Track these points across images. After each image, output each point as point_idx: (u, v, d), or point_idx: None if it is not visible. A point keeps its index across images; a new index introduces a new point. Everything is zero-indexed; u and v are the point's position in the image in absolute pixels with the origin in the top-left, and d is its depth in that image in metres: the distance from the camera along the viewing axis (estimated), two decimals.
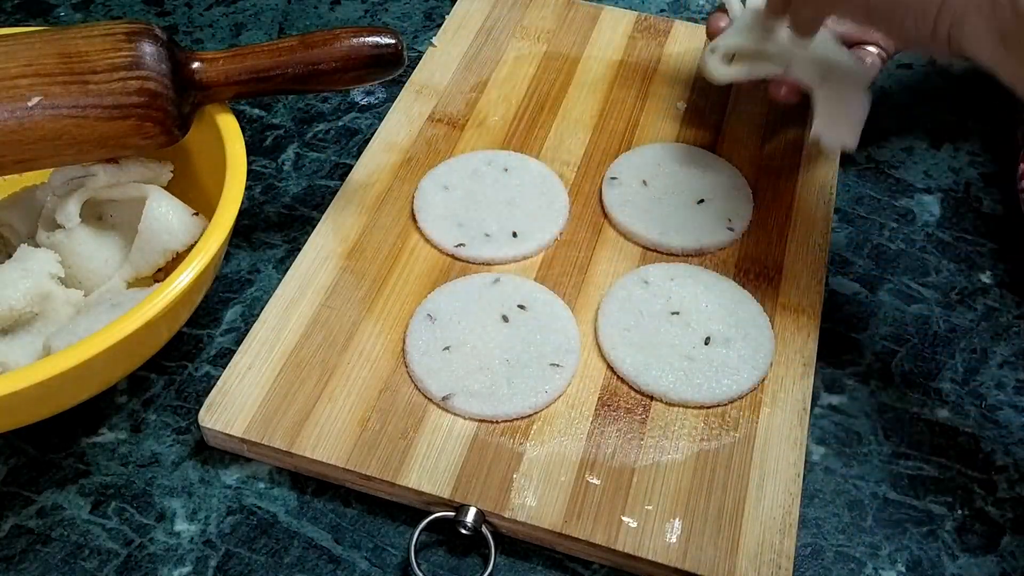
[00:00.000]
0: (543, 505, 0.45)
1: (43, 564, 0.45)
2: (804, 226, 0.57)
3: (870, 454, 0.50)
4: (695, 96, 0.65)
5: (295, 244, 0.57)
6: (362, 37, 0.51)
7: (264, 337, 0.50)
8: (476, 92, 0.64)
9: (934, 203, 0.62)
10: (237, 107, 0.65)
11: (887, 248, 0.59)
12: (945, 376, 0.53)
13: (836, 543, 0.46)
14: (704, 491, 0.46)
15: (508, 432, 0.47)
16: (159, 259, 0.50)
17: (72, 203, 0.50)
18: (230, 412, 0.47)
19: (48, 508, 0.46)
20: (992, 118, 0.67)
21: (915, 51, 0.63)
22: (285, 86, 0.51)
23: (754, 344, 0.50)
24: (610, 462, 0.46)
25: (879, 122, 0.67)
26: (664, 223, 0.56)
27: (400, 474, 0.45)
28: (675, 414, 0.48)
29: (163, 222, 0.50)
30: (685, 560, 0.43)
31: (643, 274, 0.54)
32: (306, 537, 0.46)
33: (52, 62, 0.46)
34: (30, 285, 0.47)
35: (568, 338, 0.50)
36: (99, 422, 0.49)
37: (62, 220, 0.50)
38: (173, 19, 0.72)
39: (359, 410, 0.48)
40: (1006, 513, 0.48)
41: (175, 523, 0.46)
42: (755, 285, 0.54)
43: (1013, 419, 0.51)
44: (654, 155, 0.60)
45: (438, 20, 0.73)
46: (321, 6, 0.74)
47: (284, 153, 0.63)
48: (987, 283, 0.57)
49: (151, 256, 0.50)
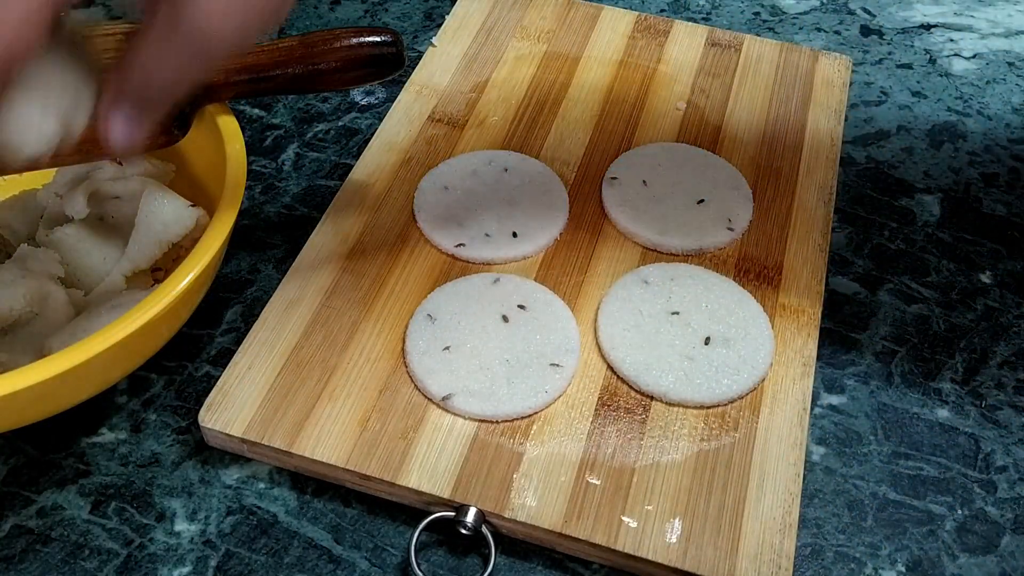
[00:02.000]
0: (543, 505, 0.45)
1: (43, 564, 0.45)
2: (804, 226, 0.57)
3: (870, 454, 0.50)
4: (695, 96, 0.65)
5: (295, 244, 0.57)
6: (362, 37, 0.51)
7: (264, 337, 0.50)
8: (476, 92, 0.64)
9: (934, 203, 0.62)
10: (237, 107, 0.65)
11: (887, 248, 0.59)
12: (945, 376, 0.53)
13: (836, 543, 0.47)
14: (704, 491, 0.46)
15: (508, 432, 0.47)
16: (155, 250, 0.50)
17: (79, 194, 0.50)
18: (230, 412, 0.47)
19: (48, 508, 0.46)
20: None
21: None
22: (285, 86, 0.51)
23: (754, 344, 0.50)
24: (610, 462, 0.47)
25: (879, 122, 0.67)
26: (664, 223, 0.56)
27: (400, 474, 0.45)
28: (675, 414, 0.48)
29: (158, 213, 0.50)
30: (685, 560, 0.43)
31: (643, 274, 0.54)
32: (306, 537, 0.46)
33: None
34: (30, 285, 0.47)
35: (568, 338, 0.51)
36: (99, 422, 0.49)
37: (71, 211, 0.50)
38: None
39: (359, 410, 0.48)
40: (1006, 513, 0.48)
41: (175, 523, 0.46)
42: (755, 285, 0.54)
43: (1013, 419, 0.51)
44: (654, 155, 0.60)
45: (438, 20, 0.73)
46: (321, 6, 0.74)
47: (284, 153, 0.63)
48: (987, 283, 0.57)
49: (147, 248, 0.50)
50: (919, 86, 0.70)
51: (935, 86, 0.70)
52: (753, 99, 0.65)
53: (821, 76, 0.66)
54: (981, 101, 0.69)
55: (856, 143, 0.65)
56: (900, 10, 0.76)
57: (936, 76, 0.71)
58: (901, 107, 0.68)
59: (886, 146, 0.65)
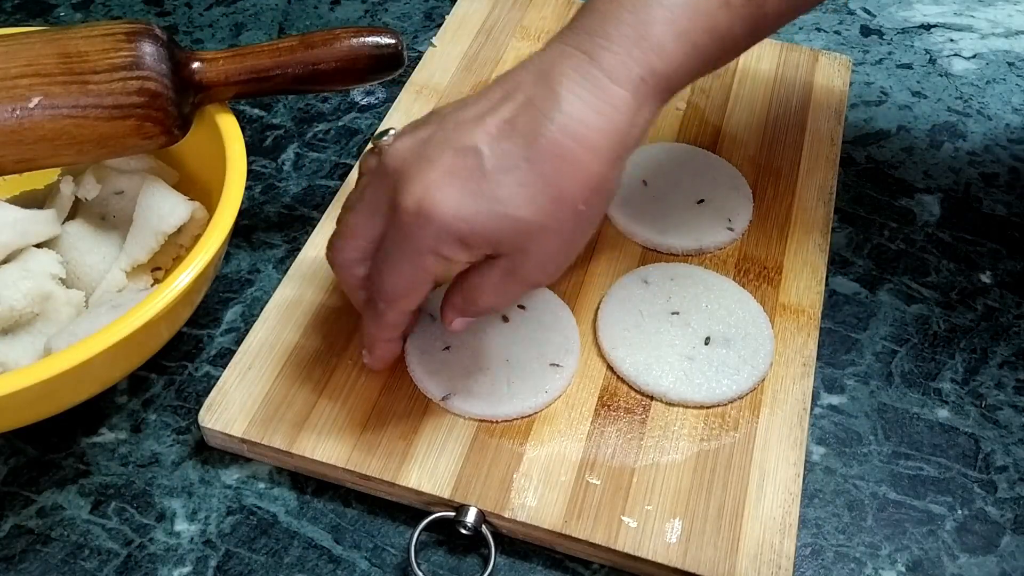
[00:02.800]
0: (543, 505, 0.45)
1: (43, 564, 0.45)
2: (804, 226, 0.57)
3: (870, 454, 0.50)
4: (695, 96, 0.65)
5: (295, 244, 0.57)
6: (362, 37, 0.51)
7: (264, 337, 0.50)
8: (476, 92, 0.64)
9: (934, 203, 0.62)
10: (237, 107, 0.65)
11: (887, 248, 0.59)
12: (945, 376, 0.53)
13: (836, 543, 0.46)
14: (704, 491, 0.46)
15: (508, 432, 0.47)
16: (152, 242, 0.50)
17: (88, 176, 0.51)
18: (230, 412, 0.47)
19: (48, 508, 0.46)
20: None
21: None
22: (285, 86, 0.51)
23: (754, 344, 0.50)
24: (610, 462, 0.46)
25: (879, 122, 0.67)
26: (664, 223, 0.56)
27: (400, 474, 0.45)
28: (675, 414, 0.48)
29: (154, 206, 0.50)
30: (685, 560, 0.43)
31: (643, 274, 0.54)
32: (306, 537, 0.46)
33: (52, 62, 0.46)
34: (31, 285, 0.47)
35: (568, 338, 0.50)
36: (99, 422, 0.49)
37: (83, 194, 0.51)
38: (173, 19, 0.72)
39: (359, 410, 0.48)
40: (1006, 513, 0.48)
41: (175, 523, 0.46)
42: (755, 285, 0.54)
43: (1013, 419, 0.51)
44: (654, 155, 0.60)
45: (438, 20, 0.73)
46: (321, 6, 0.74)
47: (284, 153, 0.63)
48: (987, 283, 0.57)
49: (145, 240, 0.50)
50: (919, 86, 0.70)
51: (935, 86, 0.70)
52: (753, 99, 0.65)
53: (821, 76, 0.66)
54: (981, 101, 0.69)
55: (856, 143, 0.65)
56: (900, 10, 0.76)
57: (936, 76, 0.71)
58: (901, 107, 0.68)
59: (886, 146, 0.65)
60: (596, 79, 0.40)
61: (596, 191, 0.41)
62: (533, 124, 0.40)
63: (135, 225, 0.50)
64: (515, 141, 0.40)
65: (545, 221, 0.40)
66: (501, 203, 0.39)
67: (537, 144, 0.39)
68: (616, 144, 0.41)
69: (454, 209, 0.39)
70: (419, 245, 0.40)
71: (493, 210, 0.39)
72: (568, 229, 0.41)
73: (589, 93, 0.40)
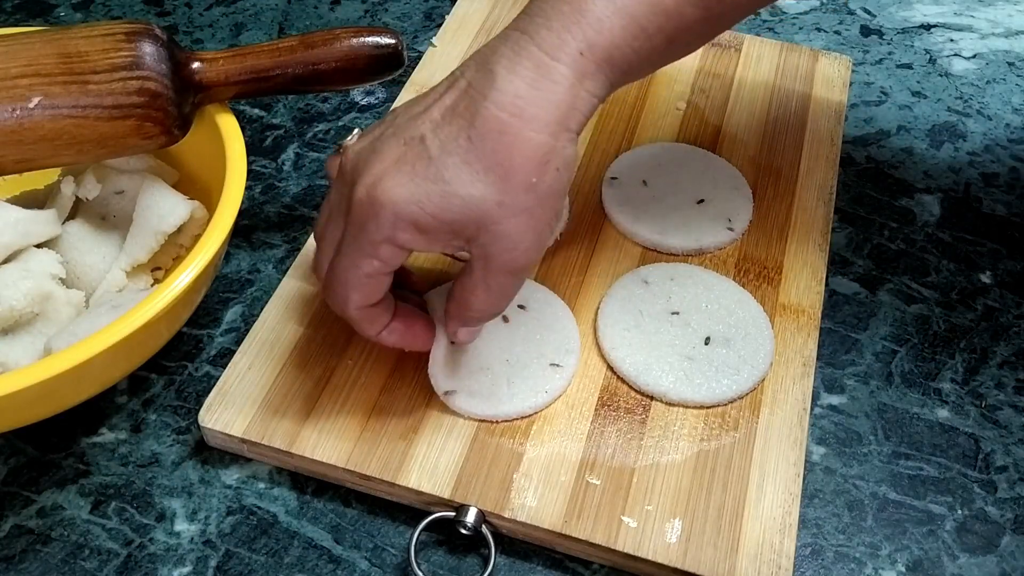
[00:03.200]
0: (543, 505, 0.45)
1: (43, 564, 0.45)
2: (804, 226, 0.57)
3: (870, 454, 0.50)
4: (695, 96, 0.65)
5: (295, 244, 0.57)
6: (362, 37, 0.51)
7: (264, 337, 0.50)
8: None
9: (934, 203, 0.62)
10: (237, 107, 0.65)
11: (887, 248, 0.59)
12: (945, 376, 0.53)
13: (836, 543, 0.47)
14: (704, 491, 0.46)
15: (508, 432, 0.47)
16: (152, 242, 0.50)
17: (89, 176, 0.51)
18: (230, 412, 0.47)
19: (48, 508, 0.46)
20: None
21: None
22: (285, 86, 0.51)
23: (754, 344, 0.50)
24: (610, 462, 0.46)
25: (879, 122, 0.67)
26: (664, 223, 0.56)
27: (400, 474, 0.45)
28: (675, 414, 0.48)
29: (154, 205, 0.50)
30: (685, 560, 0.43)
31: (643, 274, 0.54)
32: (306, 537, 0.46)
33: (52, 62, 0.46)
34: (31, 285, 0.47)
35: (568, 338, 0.50)
36: (99, 422, 0.49)
37: (83, 193, 0.51)
38: (173, 19, 0.72)
39: (359, 410, 0.48)
40: (1006, 513, 0.48)
41: (175, 523, 0.46)
42: (755, 285, 0.54)
43: (1013, 419, 0.51)
44: (654, 155, 0.60)
45: (438, 20, 0.73)
46: (321, 6, 0.74)
47: (284, 153, 0.63)
48: (987, 283, 0.57)
49: (145, 240, 0.50)
50: (919, 86, 0.70)
51: (935, 86, 0.70)
52: (753, 99, 0.65)
53: (821, 76, 0.66)
54: (981, 101, 0.69)
55: (856, 143, 0.65)
56: (900, 10, 0.76)
57: (936, 76, 0.71)
58: (901, 107, 0.68)
59: (886, 146, 0.65)
60: (532, 54, 0.40)
61: (543, 162, 0.40)
62: (472, 105, 0.40)
63: (135, 225, 0.50)
64: (456, 124, 0.40)
65: (499, 197, 0.40)
66: (449, 183, 0.40)
67: (476, 123, 0.40)
68: (558, 115, 0.40)
69: (404, 195, 0.40)
70: (373, 236, 0.41)
71: (442, 190, 0.40)
72: (527, 204, 0.40)
73: (525, 69, 0.40)
